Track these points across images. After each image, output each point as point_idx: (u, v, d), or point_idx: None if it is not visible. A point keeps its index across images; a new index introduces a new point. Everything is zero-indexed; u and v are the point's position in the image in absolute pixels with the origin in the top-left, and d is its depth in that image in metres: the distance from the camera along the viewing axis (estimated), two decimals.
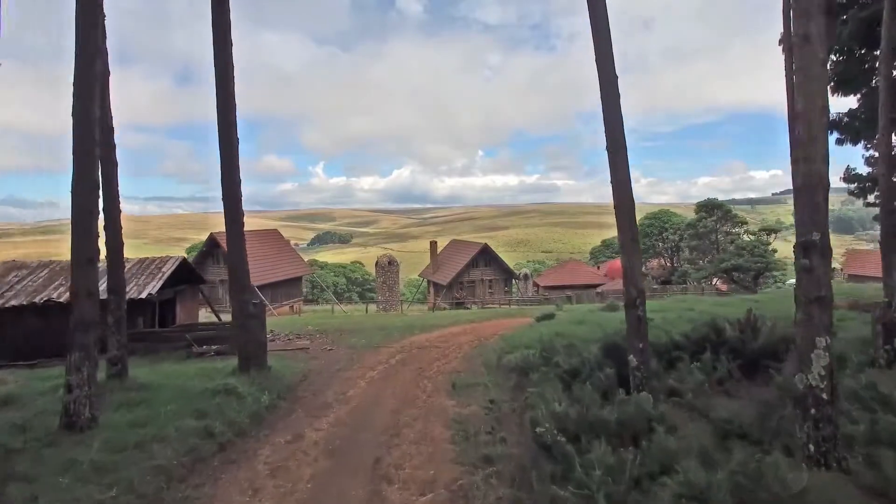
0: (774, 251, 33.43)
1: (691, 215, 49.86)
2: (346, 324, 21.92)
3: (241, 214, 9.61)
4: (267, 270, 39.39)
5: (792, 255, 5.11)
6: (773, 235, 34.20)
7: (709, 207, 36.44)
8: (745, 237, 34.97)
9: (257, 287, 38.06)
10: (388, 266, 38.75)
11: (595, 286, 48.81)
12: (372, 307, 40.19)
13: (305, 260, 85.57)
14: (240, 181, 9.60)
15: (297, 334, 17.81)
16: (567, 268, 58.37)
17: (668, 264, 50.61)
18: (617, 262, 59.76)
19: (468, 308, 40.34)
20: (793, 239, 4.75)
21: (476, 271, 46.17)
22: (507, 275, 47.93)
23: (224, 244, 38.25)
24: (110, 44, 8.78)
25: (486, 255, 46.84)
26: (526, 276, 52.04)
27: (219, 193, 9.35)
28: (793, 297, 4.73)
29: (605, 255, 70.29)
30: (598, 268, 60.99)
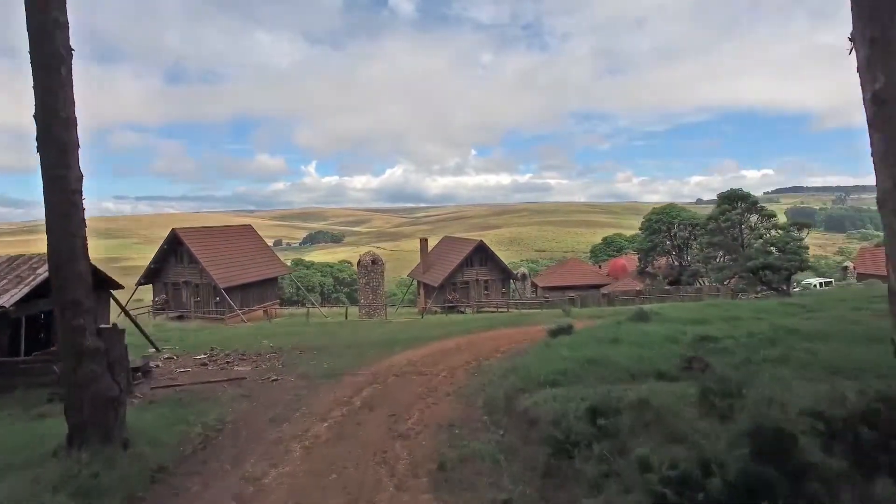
0: (807, 248, 29.67)
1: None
2: (315, 336, 18.00)
3: (76, 176, 5.49)
4: (238, 271, 35.26)
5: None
6: (806, 231, 30.39)
7: (732, 199, 32.46)
8: (774, 232, 30.99)
9: (225, 290, 33.91)
10: (371, 266, 34.48)
11: (599, 286, 45.17)
12: (354, 311, 36.06)
13: (296, 259, 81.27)
14: (74, 120, 5.51)
15: (241, 354, 13.81)
16: (567, 267, 54.74)
17: (677, 263, 46.94)
18: (620, 261, 56.04)
19: (462, 312, 36.45)
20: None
21: (471, 271, 42.09)
22: (505, 274, 43.89)
23: (187, 241, 34.03)
24: (100, 42, 5.02)
25: (481, 253, 42.70)
26: (524, 276, 48.28)
27: (216, 193, 7.08)
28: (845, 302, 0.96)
29: (606, 253, 66.73)
30: (600, 267, 57.51)
